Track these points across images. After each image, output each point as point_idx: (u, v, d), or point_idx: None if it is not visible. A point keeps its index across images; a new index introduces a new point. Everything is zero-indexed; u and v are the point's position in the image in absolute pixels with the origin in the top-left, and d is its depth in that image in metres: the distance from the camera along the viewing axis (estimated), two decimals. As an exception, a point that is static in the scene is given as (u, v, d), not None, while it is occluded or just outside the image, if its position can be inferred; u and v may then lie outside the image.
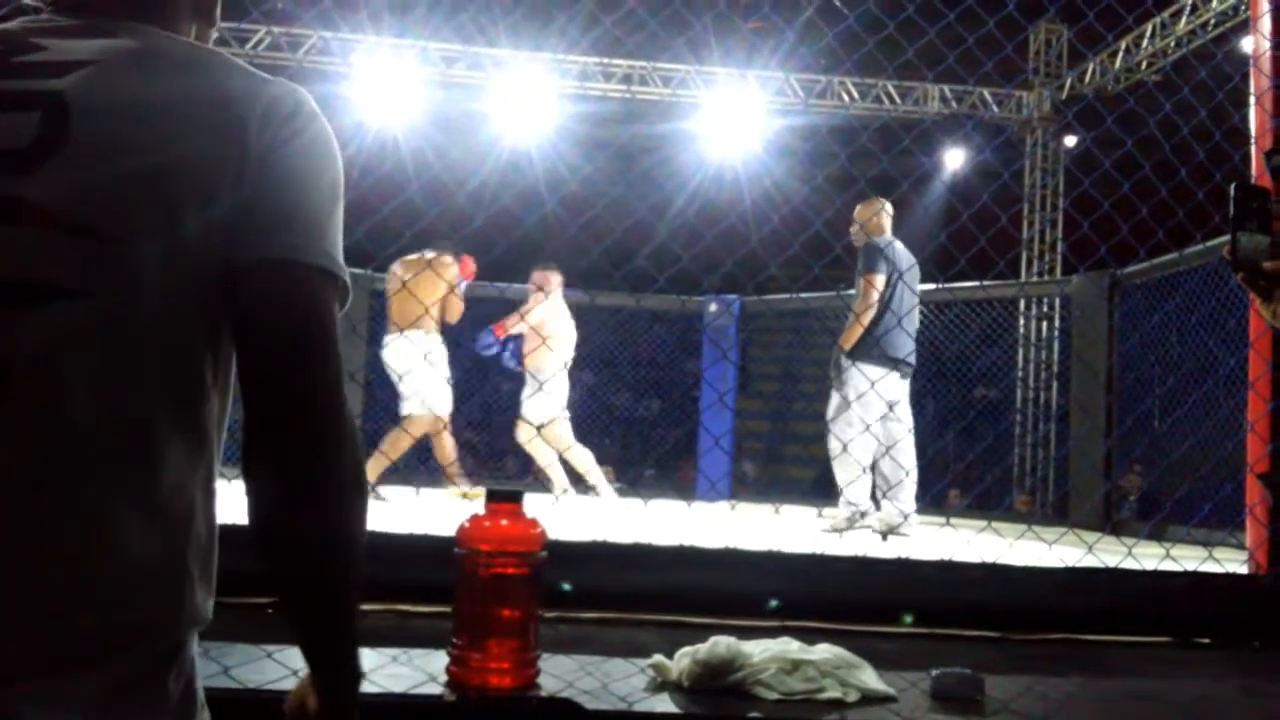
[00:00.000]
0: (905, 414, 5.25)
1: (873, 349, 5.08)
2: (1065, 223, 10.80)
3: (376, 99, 9.65)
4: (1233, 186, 1.46)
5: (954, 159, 11.17)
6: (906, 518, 5.06)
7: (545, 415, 6.13)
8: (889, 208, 5.46)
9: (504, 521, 2.05)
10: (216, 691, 1.87)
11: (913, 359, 5.26)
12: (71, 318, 0.88)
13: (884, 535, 4.95)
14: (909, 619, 2.82)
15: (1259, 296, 1.49)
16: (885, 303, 5.09)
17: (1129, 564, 3.22)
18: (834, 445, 5.12)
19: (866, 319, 5.05)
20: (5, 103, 0.92)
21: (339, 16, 8.88)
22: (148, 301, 0.90)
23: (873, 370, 4.98)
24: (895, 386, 5.12)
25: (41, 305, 0.88)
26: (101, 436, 0.90)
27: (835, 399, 5.19)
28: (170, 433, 0.93)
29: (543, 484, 6.45)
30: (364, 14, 8.71)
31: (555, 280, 6.36)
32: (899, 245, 5.27)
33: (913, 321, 5.26)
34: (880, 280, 5.11)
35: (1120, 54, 9.82)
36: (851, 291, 5.51)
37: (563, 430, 6.34)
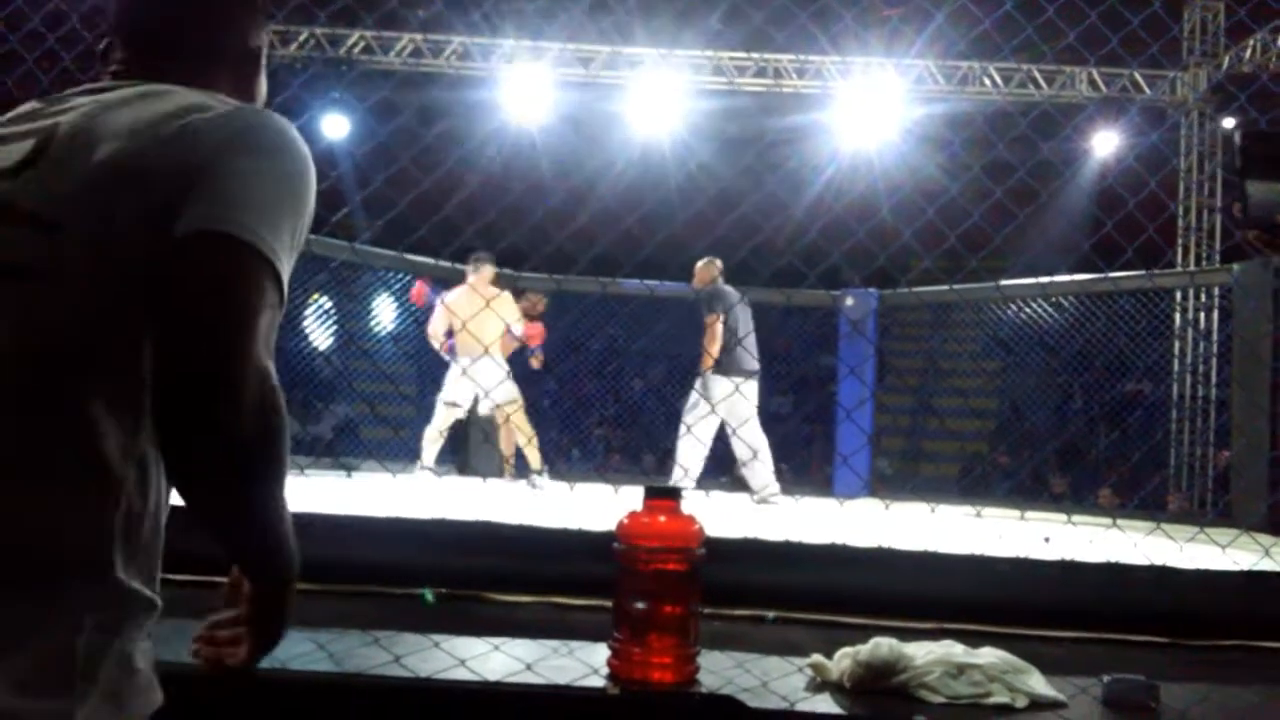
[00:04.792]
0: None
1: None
2: (1224, 207, 10.25)
3: (519, 101, 9.85)
4: (1237, 133, 1.31)
5: (1103, 144, 10.72)
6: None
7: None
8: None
9: (663, 518, 2.07)
10: (390, 680, 1.96)
11: None
12: (29, 293, 0.99)
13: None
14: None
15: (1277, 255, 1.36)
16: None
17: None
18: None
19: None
20: (19, 137, 1.07)
21: (484, 22, 9.08)
22: (96, 280, 1.00)
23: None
24: None
25: (7, 282, 0.99)
26: (33, 403, 0.98)
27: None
28: (101, 404, 1.00)
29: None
30: (509, 22, 8.88)
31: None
32: None
33: None
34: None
35: (1287, 28, 9.28)
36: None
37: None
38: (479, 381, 6.06)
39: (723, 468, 7.49)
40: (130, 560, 1.01)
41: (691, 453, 6.27)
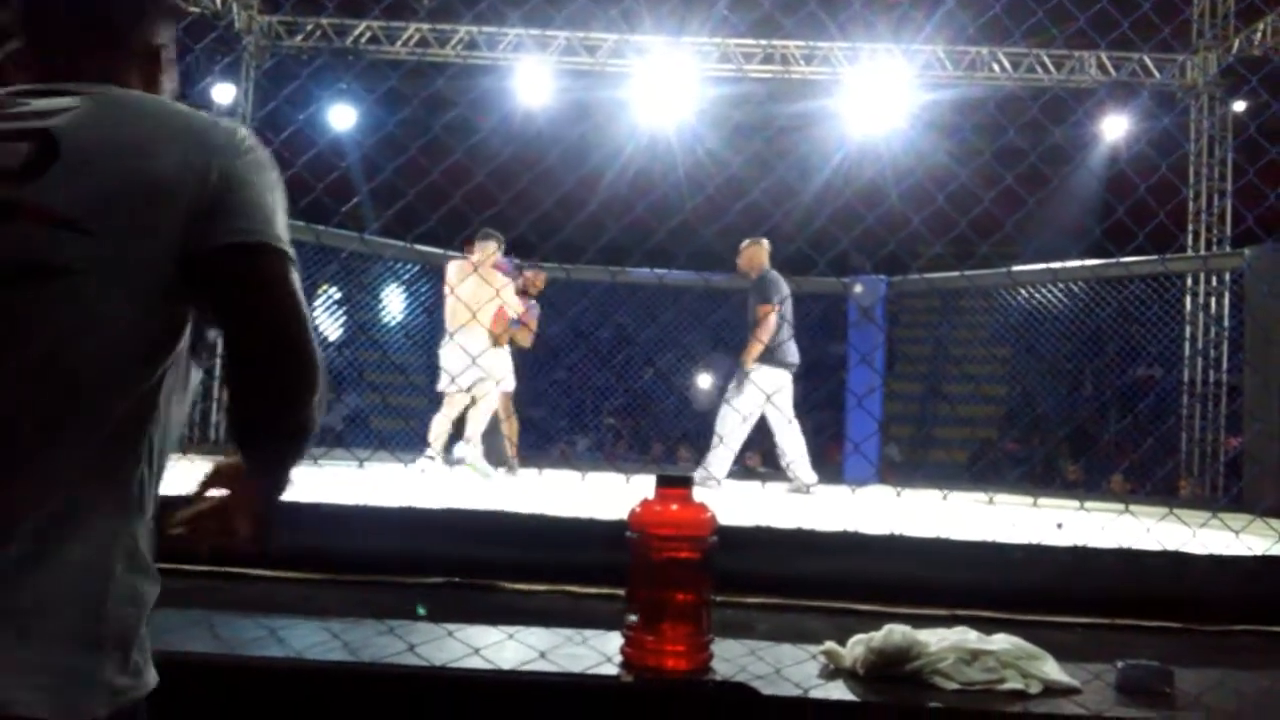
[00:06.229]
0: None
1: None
2: (1235, 192, 10.18)
3: (526, 90, 9.83)
4: None
5: (1113, 129, 10.66)
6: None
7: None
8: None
9: (675, 506, 2.07)
10: (405, 669, 1.97)
11: None
12: (59, 292, 1.08)
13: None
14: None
15: None
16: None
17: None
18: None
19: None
20: (3, 137, 1.14)
21: (490, 11, 9.05)
22: (122, 281, 1.10)
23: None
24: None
25: (36, 281, 1.08)
26: (72, 394, 1.08)
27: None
28: (126, 394, 1.11)
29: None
30: (515, 10, 8.86)
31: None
32: None
33: None
34: None
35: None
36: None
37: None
38: (467, 350, 5.86)
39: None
40: (141, 528, 1.15)
41: (730, 443, 6.25)
